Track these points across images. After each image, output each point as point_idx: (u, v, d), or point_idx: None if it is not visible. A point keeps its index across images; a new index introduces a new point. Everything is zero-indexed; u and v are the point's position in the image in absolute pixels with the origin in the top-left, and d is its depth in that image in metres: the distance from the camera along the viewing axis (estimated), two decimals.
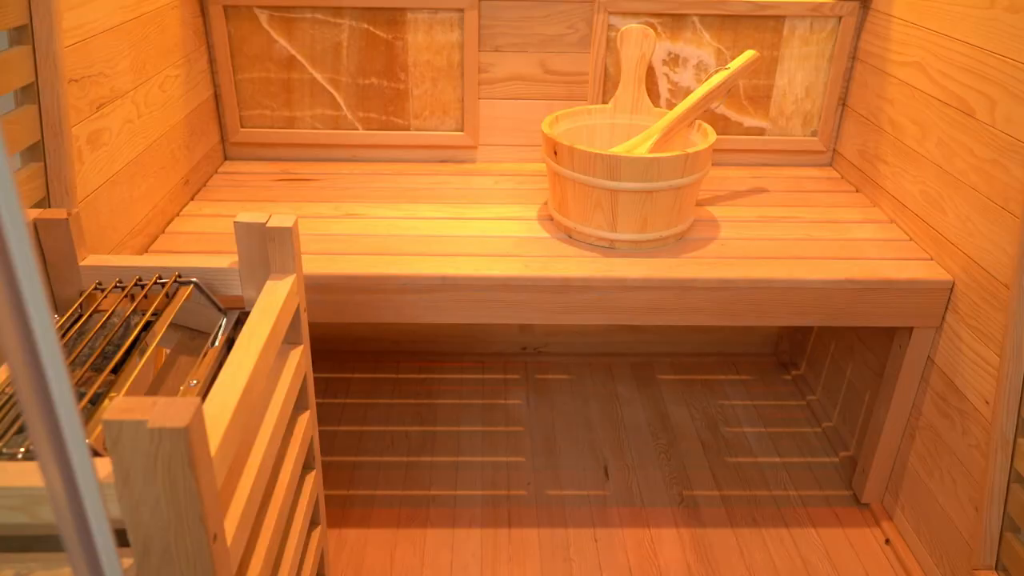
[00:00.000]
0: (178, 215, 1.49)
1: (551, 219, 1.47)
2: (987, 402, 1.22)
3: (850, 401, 1.68)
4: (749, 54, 1.48)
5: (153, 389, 0.82)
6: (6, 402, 0.77)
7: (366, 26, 1.64)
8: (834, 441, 1.71)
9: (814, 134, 1.77)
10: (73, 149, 1.10)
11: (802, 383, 1.91)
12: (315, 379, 1.38)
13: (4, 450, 0.68)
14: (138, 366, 0.82)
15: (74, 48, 1.12)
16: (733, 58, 1.56)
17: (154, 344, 0.86)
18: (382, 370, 1.93)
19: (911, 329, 1.37)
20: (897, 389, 1.42)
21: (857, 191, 1.67)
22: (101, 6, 1.20)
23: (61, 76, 1.06)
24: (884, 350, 1.50)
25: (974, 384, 1.26)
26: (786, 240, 1.43)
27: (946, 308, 1.34)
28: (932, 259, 1.38)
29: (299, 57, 1.66)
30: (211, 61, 1.65)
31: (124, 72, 1.28)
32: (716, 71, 1.50)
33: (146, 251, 1.36)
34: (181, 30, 1.51)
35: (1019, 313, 1.14)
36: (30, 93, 1.04)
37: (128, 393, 0.77)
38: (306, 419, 1.05)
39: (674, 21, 1.66)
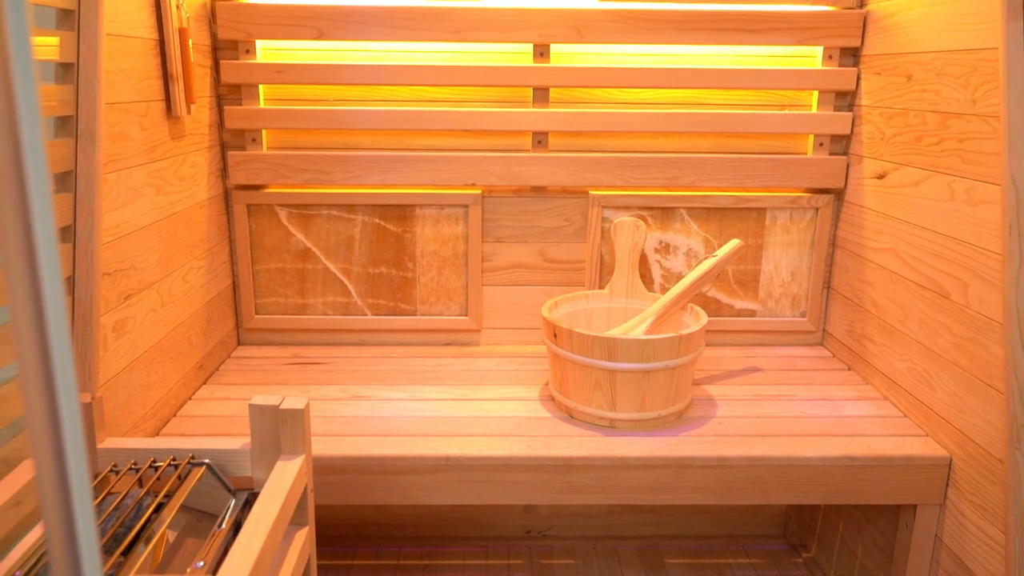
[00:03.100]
0: (190, 399, 1.54)
1: (552, 399, 1.52)
2: None
3: None
4: (734, 243, 1.59)
5: (160, 571, 0.83)
6: None
7: (378, 221, 1.77)
8: None
9: (803, 315, 1.85)
10: (100, 337, 1.17)
11: (814, 566, 1.86)
12: (316, 565, 1.36)
13: None
14: (146, 551, 0.83)
15: (110, 245, 1.22)
16: (720, 246, 1.67)
17: (163, 528, 0.88)
18: (383, 556, 1.89)
19: (915, 507, 1.37)
20: (908, 572, 1.40)
21: (849, 369, 1.72)
22: (138, 208, 1.32)
23: (96, 270, 1.15)
24: (892, 529, 1.49)
25: (984, 563, 1.24)
26: (782, 418, 1.47)
27: (947, 484, 1.34)
28: (927, 435, 1.40)
29: (314, 249, 1.78)
30: (232, 253, 1.77)
31: (152, 265, 1.38)
32: (705, 258, 1.60)
33: (157, 434, 1.40)
34: (207, 226, 1.63)
35: (1016, 489, 1.15)
36: (66, 286, 1.13)
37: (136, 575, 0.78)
38: None
39: (663, 213, 1.79)
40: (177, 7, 1.42)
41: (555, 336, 1.43)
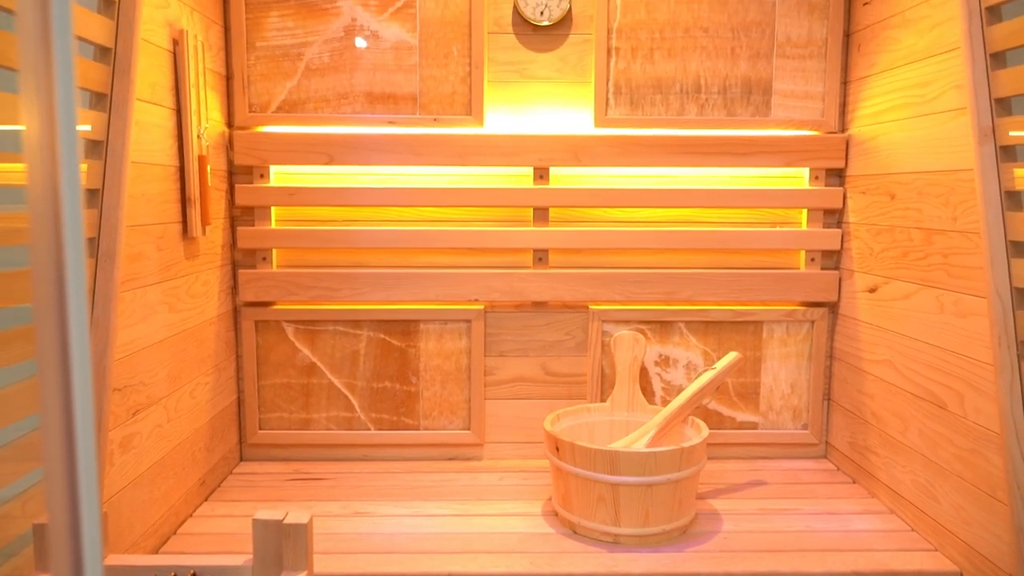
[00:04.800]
0: (191, 516, 1.53)
1: (555, 514, 1.51)
2: None
3: None
4: (732, 356, 1.62)
5: None
6: None
7: (382, 336, 1.81)
8: None
9: (805, 427, 1.86)
10: (106, 453, 1.18)
11: None
12: None
13: None
14: None
15: (122, 361, 1.25)
16: (719, 358, 1.70)
17: None
18: None
19: None
20: None
21: (854, 482, 1.71)
22: (150, 325, 1.36)
23: (107, 386, 1.17)
24: None
25: None
26: (788, 532, 1.45)
27: None
28: (936, 549, 1.38)
29: (319, 364, 1.81)
30: (238, 369, 1.80)
31: (161, 381, 1.40)
32: (704, 371, 1.62)
33: (157, 552, 1.38)
34: (215, 342, 1.67)
35: None
36: None
37: None
38: None
39: (662, 327, 1.83)
40: (198, 136, 1.51)
41: (557, 450, 1.43)
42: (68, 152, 0.47)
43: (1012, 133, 1.21)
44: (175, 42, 1.44)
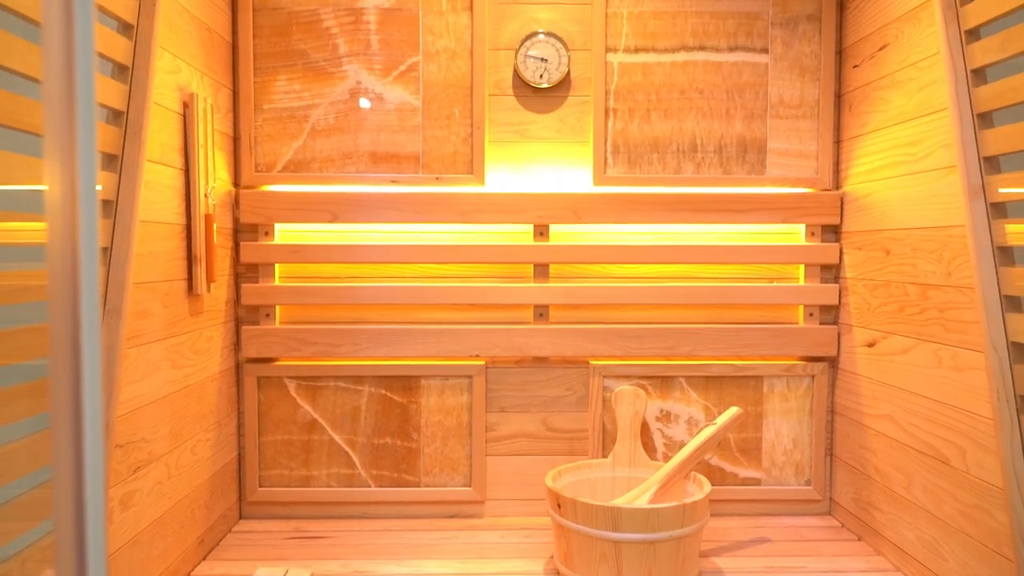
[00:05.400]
0: (189, 575, 1.51)
1: (557, 572, 1.49)
2: None
3: None
4: (733, 411, 1.62)
5: None
6: None
7: (384, 392, 1.81)
8: None
9: (808, 483, 1.85)
10: (107, 511, 1.18)
11: None
12: None
13: None
14: None
15: (124, 417, 1.25)
16: (720, 413, 1.70)
17: None
18: None
19: None
20: None
21: (859, 539, 1.69)
22: (154, 381, 1.37)
23: (110, 443, 1.17)
24: None
25: None
26: None
27: None
28: None
29: (321, 420, 1.81)
30: (239, 425, 1.80)
31: (163, 437, 1.40)
32: (705, 427, 1.62)
33: None
34: (217, 399, 1.67)
35: None
36: None
37: None
38: None
39: (663, 382, 1.83)
40: (205, 196, 1.54)
41: (559, 506, 1.42)
42: (88, 213, 0.49)
43: (1001, 190, 1.23)
44: (185, 105, 1.49)
